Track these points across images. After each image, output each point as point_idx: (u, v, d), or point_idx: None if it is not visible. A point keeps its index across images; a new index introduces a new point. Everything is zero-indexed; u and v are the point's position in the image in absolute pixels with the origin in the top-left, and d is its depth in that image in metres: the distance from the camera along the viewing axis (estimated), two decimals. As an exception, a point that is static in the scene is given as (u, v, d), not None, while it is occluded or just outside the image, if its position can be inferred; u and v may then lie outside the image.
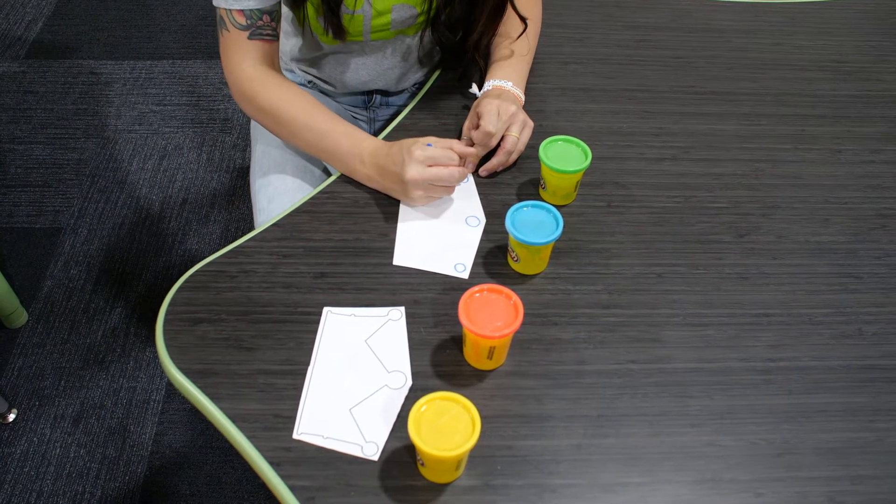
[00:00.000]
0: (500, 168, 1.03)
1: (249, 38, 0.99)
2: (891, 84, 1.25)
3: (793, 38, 1.34)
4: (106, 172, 2.05)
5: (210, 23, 2.56)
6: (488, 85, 1.07)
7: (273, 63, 1.04)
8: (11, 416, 1.55)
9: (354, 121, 1.28)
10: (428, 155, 0.91)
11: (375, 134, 1.17)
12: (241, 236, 0.95)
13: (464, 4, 1.06)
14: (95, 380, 1.62)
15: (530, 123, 1.04)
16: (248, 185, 2.07)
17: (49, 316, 1.73)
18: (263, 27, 0.99)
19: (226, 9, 0.97)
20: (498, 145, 1.02)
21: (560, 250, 0.95)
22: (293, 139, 1.02)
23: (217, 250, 0.94)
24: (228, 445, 1.52)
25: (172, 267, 1.84)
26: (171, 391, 1.61)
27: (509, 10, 1.08)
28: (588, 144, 0.98)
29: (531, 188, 1.03)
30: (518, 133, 1.01)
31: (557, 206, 0.95)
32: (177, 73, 2.37)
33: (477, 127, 1.00)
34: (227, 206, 1.99)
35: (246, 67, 1.01)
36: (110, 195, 1.99)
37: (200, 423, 1.56)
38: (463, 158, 0.96)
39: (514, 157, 1.03)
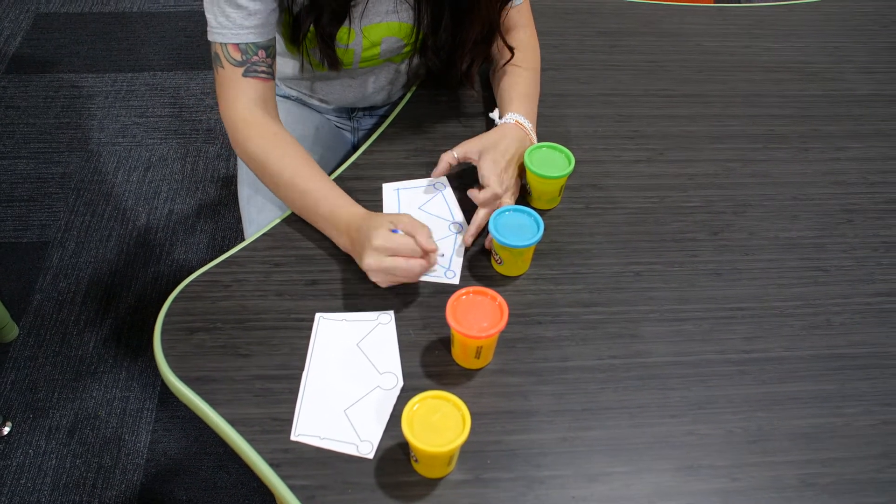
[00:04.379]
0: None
1: (244, 75, 0.97)
2: (854, 84, 1.30)
3: (760, 41, 1.38)
4: (91, 185, 2.07)
5: (190, 34, 2.58)
6: (510, 118, 1.05)
7: (267, 106, 1.00)
8: (6, 430, 1.57)
9: (338, 131, 1.31)
10: (388, 245, 0.86)
11: (359, 144, 1.20)
12: (229, 245, 0.98)
13: (449, 31, 1.07)
14: (89, 390, 1.64)
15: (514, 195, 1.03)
16: (234, 194, 2.09)
17: (40, 329, 1.74)
18: (258, 63, 0.97)
19: (221, 43, 0.95)
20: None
21: (542, 252, 0.99)
22: (276, 192, 1.00)
23: (205, 259, 0.96)
24: (223, 451, 1.55)
25: (161, 277, 1.85)
26: (164, 399, 1.63)
27: (504, 40, 1.10)
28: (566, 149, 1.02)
29: (512, 193, 1.06)
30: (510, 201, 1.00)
31: (542, 211, 0.98)
32: (158, 84, 2.38)
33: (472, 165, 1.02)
34: (213, 215, 2.01)
35: (240, 108, 0.98)
36: (96, 208, 2.01)
37: (195, 429, 1.58)
38: (425, 252, 0.88)
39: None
